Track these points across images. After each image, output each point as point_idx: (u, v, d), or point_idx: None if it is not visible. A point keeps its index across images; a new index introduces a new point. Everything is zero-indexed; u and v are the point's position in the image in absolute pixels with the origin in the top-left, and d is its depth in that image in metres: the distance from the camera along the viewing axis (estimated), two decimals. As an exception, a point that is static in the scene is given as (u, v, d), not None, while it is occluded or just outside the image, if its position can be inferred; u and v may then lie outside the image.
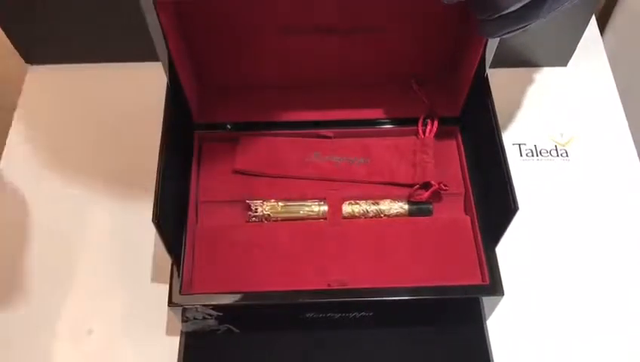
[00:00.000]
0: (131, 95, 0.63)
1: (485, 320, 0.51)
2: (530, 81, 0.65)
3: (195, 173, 0.53)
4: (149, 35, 0.45)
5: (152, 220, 0.43)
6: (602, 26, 0.73)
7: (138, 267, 0.54)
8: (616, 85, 0.65)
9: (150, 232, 0.54)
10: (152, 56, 0.47)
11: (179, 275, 0.46)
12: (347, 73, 0.54)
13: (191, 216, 0.51)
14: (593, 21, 0.68)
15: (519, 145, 0.62)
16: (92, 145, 0.61)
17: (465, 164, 0.53)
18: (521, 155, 0.61)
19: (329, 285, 0.48)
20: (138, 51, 0.62)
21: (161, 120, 0.48)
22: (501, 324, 0.52)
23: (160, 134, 0.48)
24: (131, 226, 0.56)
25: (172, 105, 0.50)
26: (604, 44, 0.68)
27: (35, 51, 0.64)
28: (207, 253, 0.50)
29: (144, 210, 0.45)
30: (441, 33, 0.51)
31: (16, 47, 0.63)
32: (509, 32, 0.40)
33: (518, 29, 0.40)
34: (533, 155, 0.61)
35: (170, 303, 0.45)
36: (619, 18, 0.73)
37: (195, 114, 0.54)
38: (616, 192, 0.58)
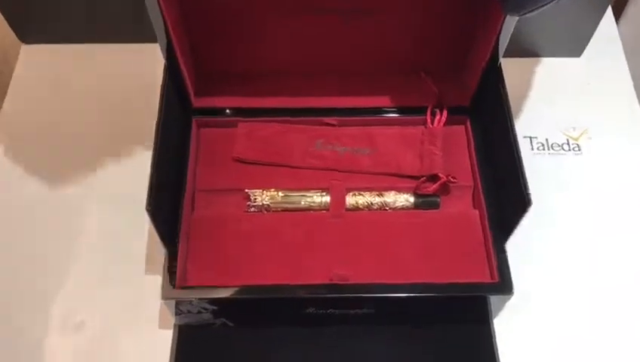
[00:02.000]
0: (127, 77, 0.62)
1: (492, 319, 0.50)
2: (542, 71, 0.64)
3: (192, 160, 0.52)
4: (146, 14, 0.44)
5: (146, 208, 0.42)
6: (617, 16, 0.71)
7: (131, 257, 0.53)
8: (632, 77, 0.63)
9: (144, 221, 0.51)
10: (149, 38, 0.46)
11: (173, 267, 0.46)
12: (353, 59, 0.54)
13: (187, 205, 0.50)
14: (609, 11, 0.65)
15: (530, 138, 0.60)
16: (85, 128, 0.59)
17: (474, 155, 0.53)
18: (532, 149, 0.60)
19: (330, 280, 0.47)
20: (135, 32, 0.60)
21: (158, 104, 0.47)
22: (509, 324, 0.50)
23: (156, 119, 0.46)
24: (125, 215, 0.54)
25: (169, 89, 0.49)
26: (619, 34, 0.66)
27: (30, 30, 0.62)
28: (203, 243, 0.49)
29: (138, 197, 0.43)
30: (452, 19, 0.50)
31: (11, 26, 0.62)
32: (532, 10, 0.39)
33: (541, 6, 0.38)
34: (544, 149, 0.60)
35: (164, 296, 0.45)
36: (632, 7, 0.71)
37: (194, 98, 0.53)
38: (630, 188, 0.57)
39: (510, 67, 0.52)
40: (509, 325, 0.50)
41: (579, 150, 0.59)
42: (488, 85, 0.51)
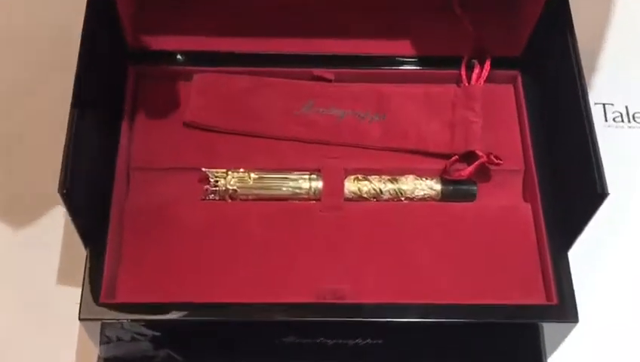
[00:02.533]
0: (33, 9, 0.62)
1: (546, 356, 0.49)
2: (623, 10, 0.64)
3: (126, 125, 0.52)
4: None
5: (59, 190, 0.42)
6: None
7: (39, 261, 0.53)
8: None
9: (58, 210, 0.54)
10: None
11: (97, 275, 0.46)
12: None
13: (118, 189, 0.49)
14: None
15: (604, 105, 0.61)
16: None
17: (527, 126, 0.53)
18: (605, 120, 0.60)
19: (320, 297, 0.47)
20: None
21: (78, 45, 0.47)
22: (569, 362, 0.51)
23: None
24: (32, 201, 0.55)
25: (95, 24, 0.49)
26: None
27: None
28: (141, 243, 0.49)
29: (50, 177, 0.44)
30: None
31: None
32: None
33: None
34: (623, 120, 0.61)
35: (83, 316, 0.45)
36: None
37: (131, 37, 0.53)
38: None
39: (578, 4, 0.51)
40: (569, 364, 0.51)
41: (672, 123, 0.60)
42: (549, 27, 0.51)
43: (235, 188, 0.50)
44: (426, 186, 0.51)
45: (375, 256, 0.49)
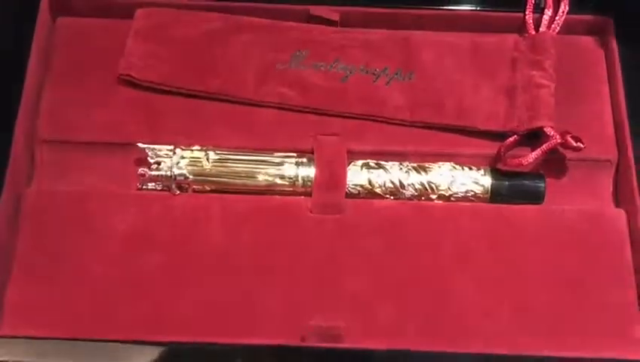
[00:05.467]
0: None
1: None
2: None
3: (32, 79, 0.52)
4: None
5: None
6: None
7: None
8: None
9: None
10: None
11: None
12: None
13: (15, 171, 0.49)
14: None
15: None
16: None
17: (622, 97, 0.54)
18: None
19: (306, 338, 0.46)
20: None
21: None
22: None
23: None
24: None
25: None
26: None
27: None
28: (44, 249, 0.49)
29: None
30: None
31: None
32: None
33: None
34: None
35: None
36: None
37: None
38: None
39: None
40: None
41: None
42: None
43: (185, 173, 0.49)
44: (469, 179, 0.51)
45: (389, 279, 0.49)
